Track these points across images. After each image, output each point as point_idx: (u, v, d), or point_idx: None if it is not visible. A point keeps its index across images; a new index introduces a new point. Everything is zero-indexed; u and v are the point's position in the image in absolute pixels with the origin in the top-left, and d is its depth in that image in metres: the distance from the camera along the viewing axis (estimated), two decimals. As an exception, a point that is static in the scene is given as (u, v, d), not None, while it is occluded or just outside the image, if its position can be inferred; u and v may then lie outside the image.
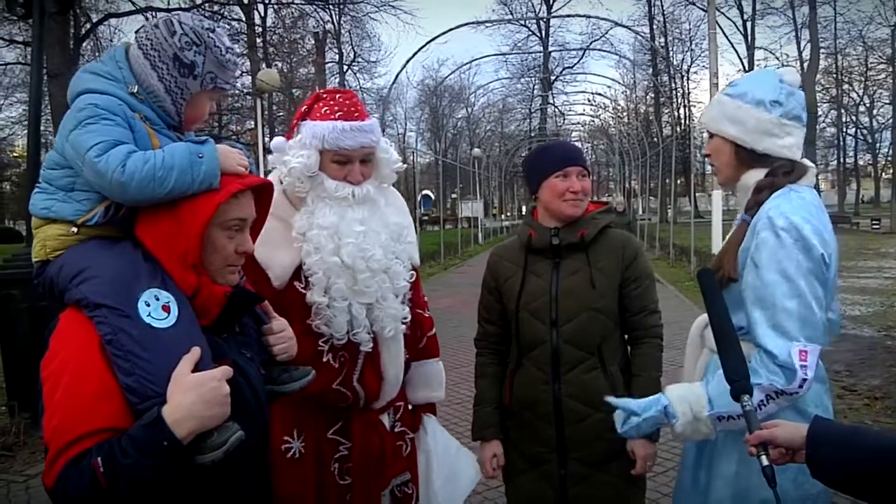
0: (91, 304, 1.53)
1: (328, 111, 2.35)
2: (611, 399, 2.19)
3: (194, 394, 1.46)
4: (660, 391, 2.30)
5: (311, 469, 2.41)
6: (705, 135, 2.43)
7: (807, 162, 2.23)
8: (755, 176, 2.21)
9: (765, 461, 1.57)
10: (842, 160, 49.14)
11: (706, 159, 2.41)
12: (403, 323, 2.47)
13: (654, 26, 46.51)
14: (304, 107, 2.44)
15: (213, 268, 1.68)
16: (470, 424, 2.82)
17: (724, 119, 2.23)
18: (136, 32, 1.78)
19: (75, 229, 1.67)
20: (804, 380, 1.97)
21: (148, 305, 1.53)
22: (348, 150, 2.33)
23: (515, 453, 2.73)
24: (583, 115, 42.60)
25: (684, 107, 45.93)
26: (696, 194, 29.88)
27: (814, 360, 1.99)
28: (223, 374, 1.52)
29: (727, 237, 2.23)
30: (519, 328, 2.68)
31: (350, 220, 2.33)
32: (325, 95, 2.40)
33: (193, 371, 1.50)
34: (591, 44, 43.83)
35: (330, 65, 36.90)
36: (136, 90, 1.73)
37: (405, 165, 2.58)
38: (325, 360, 2.35)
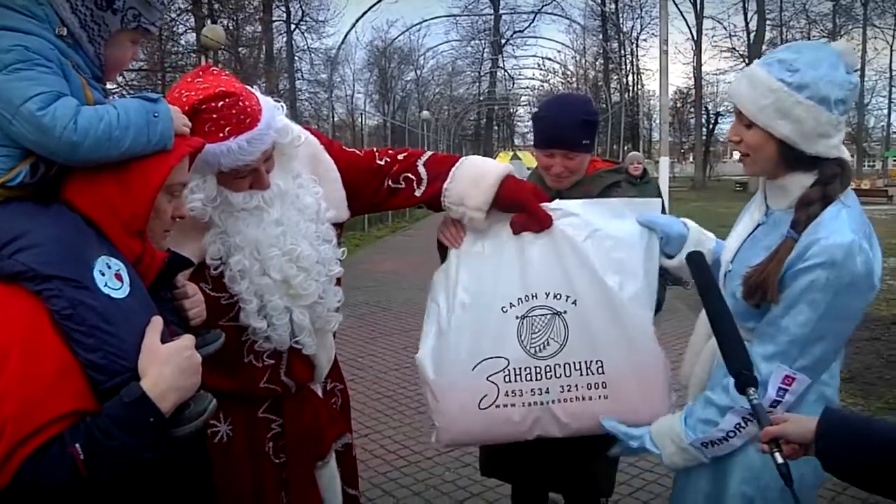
0: (39, 276, 1.37)
1: (213, 128, 1.91)
2: (605, 422, 2.21)
3: (173, 364, 1.43)
4: None
5: (243, 452, 2.26)
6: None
7: (846, 155, 1.98)
8: (800, 182, 1.95)
9: (779, 458, 1.53)
10: (783, 130, 49.94)
11: (731, 144, 2.11)
12: (338, 309, 2.31)
13: (605, -8, 46.52)
14: None
15: (151, 233, 1.60)
16: (419, 389, 2.77)
17: (777, 114, 1.89)
18: None
19: None
20: (776, 402, 1.89)
21: (102, 275, 1.43)
22: (251, 164, 2.00)
23: None
24: (532, 79, 42.77)
25: (633, 73, 46.20)
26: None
27: (798, 390, 1.89)
28: (192, 342, 1.49)
29: (771, 254, 1.92)
30: None
31: (267, 224, 2.08)
32: (203, 107, 1.90)
33: None
34: (542, 7, 43.68)
35: (277, 23, 36.03)
36: (65, 33, 1.54)
37: (304, 139, 2.23)
38: (246, 360, 2.19)
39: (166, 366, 1.42)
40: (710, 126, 45.18)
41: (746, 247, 2.07)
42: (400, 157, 2.42)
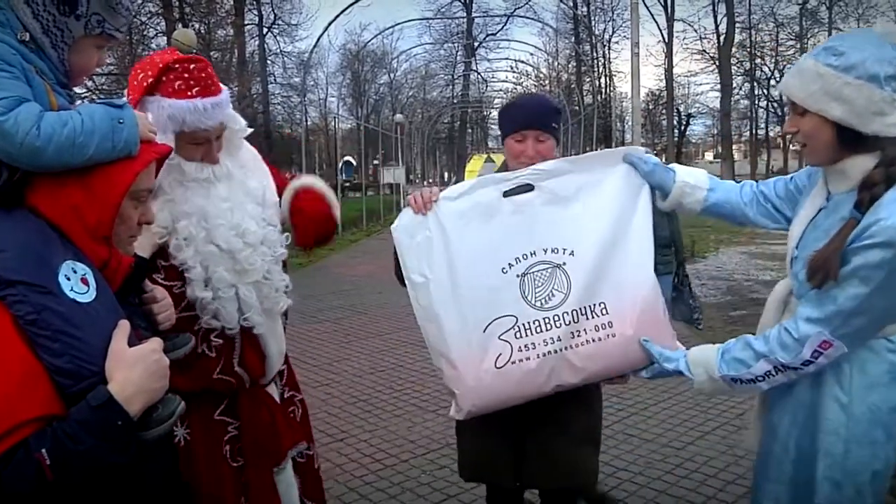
0: (3, 282, 1.36)
1: (183, 86, 2.07)
2: (644, 342, 2.28)
3: (140, 368, 1.42)
4: None
5: (201, 455, 2.28)
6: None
7: None
8: (861, 164, 1.97)
9: None
10: (754, 131, 50.64)
11: (790, 136, 2.15)
12: (286, 291, 2.38)
13: (577, -5, 46.80)
14: (146, 77, 2.10)
15: (117, 239, 1.59)
16: (395, 393, 2.77)
17: (827, 96, 1.94)
18: None
19: None
20: (809, 362, 1.99)
21: (68, 279, 1.42)
22: (209, 131, 2.15)
23: None
24: (505, 82, 42.79)
25: (605, 76, 46.46)
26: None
27: (833, 355, 1.97)
28: (160, 345, 1.49)
29: (834, 236, 1.95)
30: None
31: (215, 197, 2.17)
32: (176, 66, 2.08)
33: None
34: (514, 11, 43.79)
35: (249, 27, 35.83)
36: (27, 38, 1.53)
37: (250, 130, 2.39)
38: (199, 350, 2.20)
39: (134, 369, 1.41)
40: (682, 127, 45.64)
41: (809, 231, 2.13)
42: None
